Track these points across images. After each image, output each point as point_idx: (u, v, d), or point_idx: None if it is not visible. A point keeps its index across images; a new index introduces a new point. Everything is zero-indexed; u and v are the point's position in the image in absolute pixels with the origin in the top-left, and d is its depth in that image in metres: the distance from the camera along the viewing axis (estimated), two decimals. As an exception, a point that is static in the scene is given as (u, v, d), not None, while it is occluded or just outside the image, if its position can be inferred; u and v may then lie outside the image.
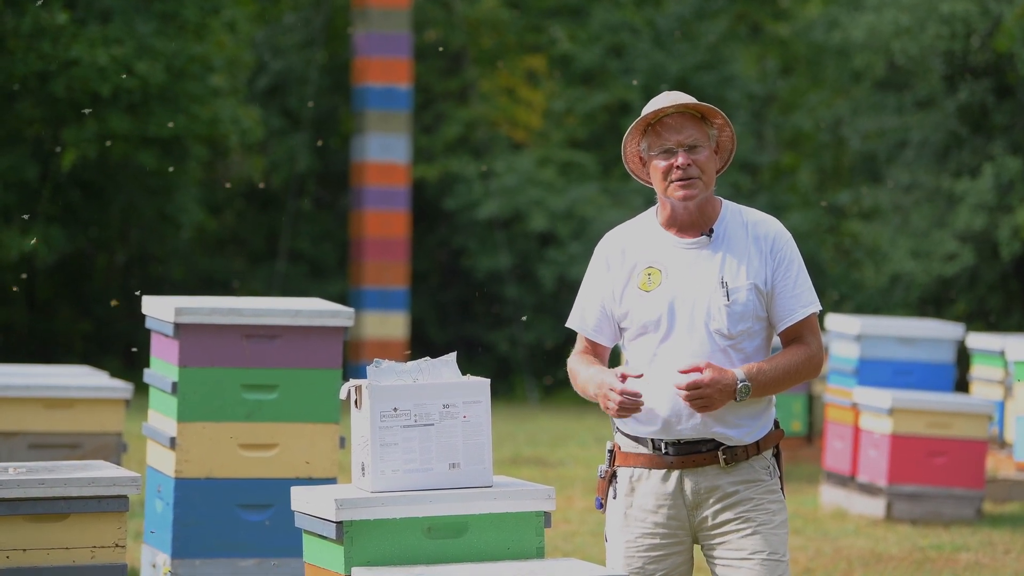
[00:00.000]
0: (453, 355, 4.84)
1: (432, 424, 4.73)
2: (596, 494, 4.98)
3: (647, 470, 4.84)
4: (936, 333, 12.43)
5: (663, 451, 4.82)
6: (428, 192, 23.69)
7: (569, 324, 4.98)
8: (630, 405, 4.73)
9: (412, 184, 22.63)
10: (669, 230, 4.89)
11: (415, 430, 4.71)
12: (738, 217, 4.90)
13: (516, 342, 23.00)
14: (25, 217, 19.26)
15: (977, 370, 13.47)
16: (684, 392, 4.70)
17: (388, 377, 4.75)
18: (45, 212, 20.39)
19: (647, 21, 24.43)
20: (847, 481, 11.62)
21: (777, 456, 4.90)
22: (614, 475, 4.91)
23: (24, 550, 5.16)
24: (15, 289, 19.96)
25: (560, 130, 23.95)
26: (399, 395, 4.70)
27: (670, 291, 4.82)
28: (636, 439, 4.87)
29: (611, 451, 4.92)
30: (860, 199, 22.61)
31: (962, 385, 14.97)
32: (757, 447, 4.84)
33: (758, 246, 4.85)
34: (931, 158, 21.66)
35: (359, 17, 22.15)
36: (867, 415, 11.46)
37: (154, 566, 7.10)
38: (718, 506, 4.82)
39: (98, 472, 5.30)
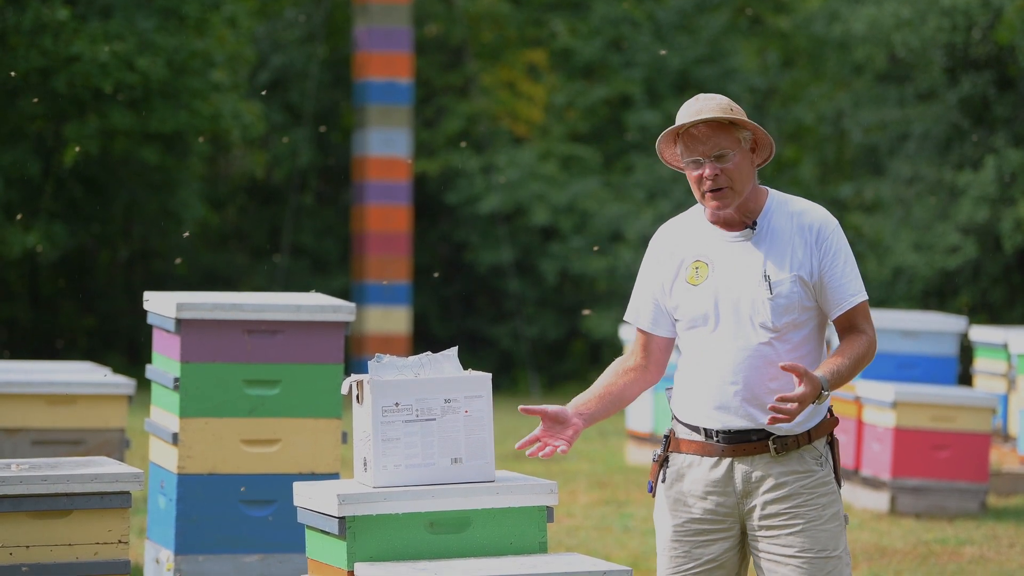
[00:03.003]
0: (455, 350, 4.83)
1: (434, 419, 4.72)
2: (648, 478, 4.98)
3: (699, 457, 4.86)
4: (939, 326, 12.39)
5: (714, 439, 4.84)
6: (429, 186, 23.68)
7: (626, 318, 5.02)
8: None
9: (413, 178, 22.62)
10: (716, 224, 4.91)
11: (417, 425, 4.70)
12: (784, 208, 4.90)
13: (519, 336, 22.98)
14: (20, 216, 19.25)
15: (980, 363, 13.44)
16: (775, 407, 4.66)
17: (389, 372, 4.74)
18: (48, 208, 20.38)
19: (647, 15, 24.40)
20: (851, 475, 11.60)
21: (831, 444, 4.90)
22: (666, 460, 4.93)
23: (27, 547, 5.16)
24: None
25: (561, 124, 23.92)
26: (400, 390, 4.70)
27: (716, 285, 4.85)
28: (691, 427, 4.89)
29: (667, 436, 4.95)
30: (862, 192, 22.57)
31: (965, 378, 14.94)
32: (808, 436, 4.84)
33: (803, 236, 4.86)
34: (933, 151, 21.63)
35: (359, 12, 22.13)
36: (870, 409, 11.44)
37: (157, 562, 7.09)
38: (768, 497, 4.83)
39: (101, 468, 5.29)
